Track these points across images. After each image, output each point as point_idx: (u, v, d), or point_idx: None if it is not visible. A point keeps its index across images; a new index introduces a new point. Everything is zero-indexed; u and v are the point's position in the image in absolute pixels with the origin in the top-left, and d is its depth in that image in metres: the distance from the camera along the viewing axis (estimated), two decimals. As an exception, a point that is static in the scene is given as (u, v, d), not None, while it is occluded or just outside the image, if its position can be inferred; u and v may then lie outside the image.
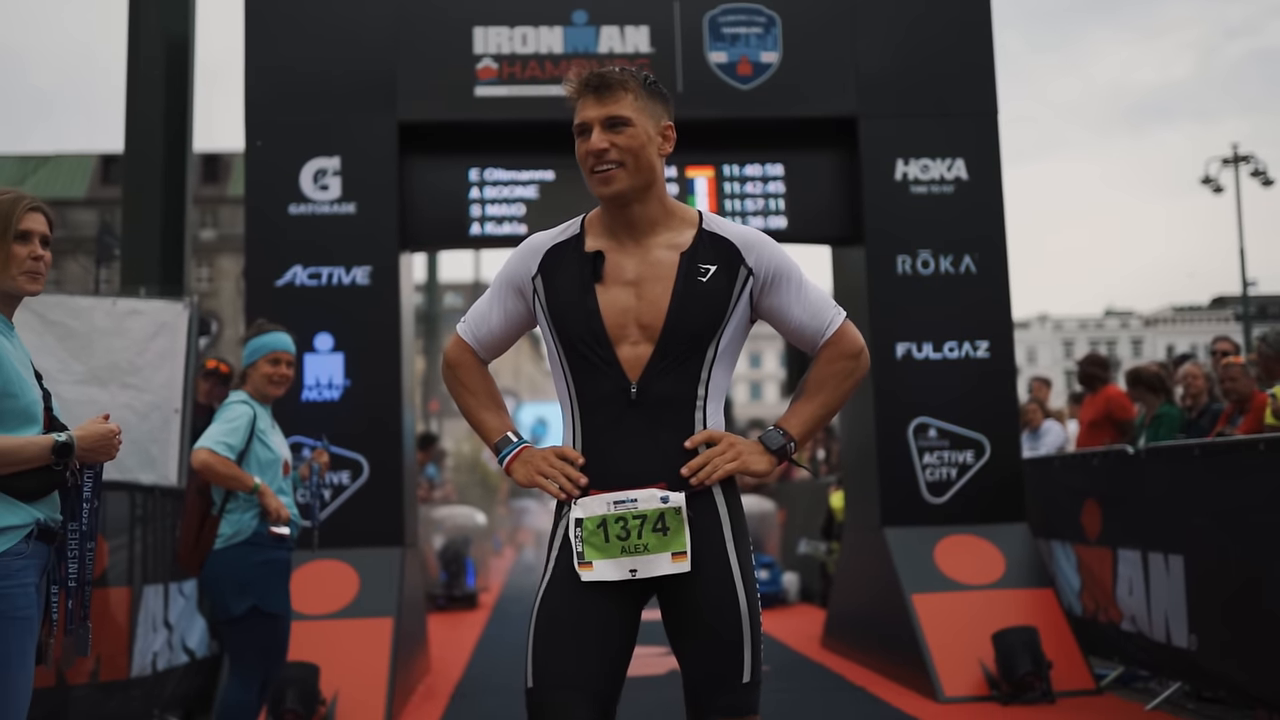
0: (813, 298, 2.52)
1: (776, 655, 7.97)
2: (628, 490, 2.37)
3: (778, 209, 7.44)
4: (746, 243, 2.49)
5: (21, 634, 2.70)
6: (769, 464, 2.48)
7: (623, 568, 2.36)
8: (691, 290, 2.42)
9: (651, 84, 2.48)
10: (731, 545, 2.39)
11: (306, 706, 5.56)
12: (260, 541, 4.36)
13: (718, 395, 2.47)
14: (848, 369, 2.53)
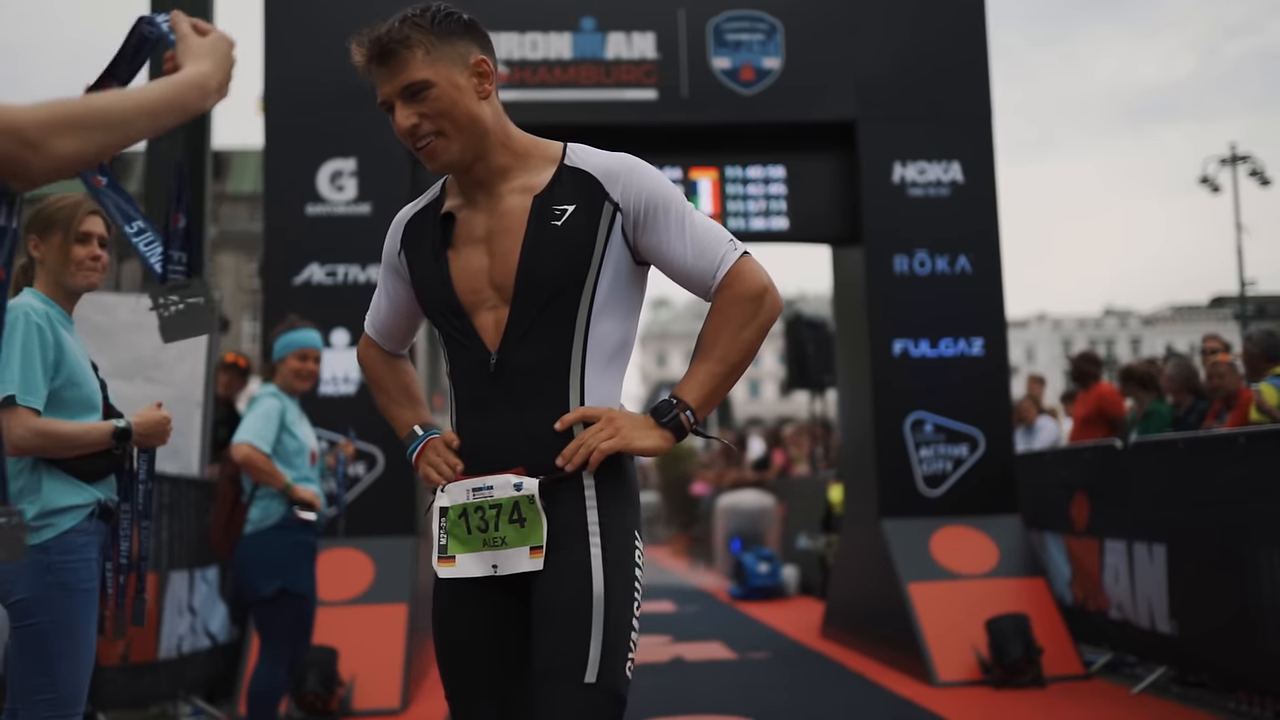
0: (699, 233, 2.11)
1: (777, 644, 8.21)
2: (487, 476, 2.08)
3: (779, 210, 7.68)
4: (609, 173, 2.11)
5: (85, 605, 2.93)
6: (659, 440, 2.08)
7: (485, 562, 2.07)
8: (544, 236, 2.06)
9: (442, 20, 2.08)
10: (596, 534, 2.04)
11: (326, 688, 5.79)
12: (288, 526, 4.59)
13: (603, 359, 2.10)
14: (745, 314, 2.10)
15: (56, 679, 2.83)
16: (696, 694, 6.29)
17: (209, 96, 1.64)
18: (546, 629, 2.01)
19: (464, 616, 2.12)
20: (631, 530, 2.10)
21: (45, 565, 2.89)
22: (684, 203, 2.13)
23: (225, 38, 1.73)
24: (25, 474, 2.97)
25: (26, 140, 1.33)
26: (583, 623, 1.99)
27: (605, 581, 2.01)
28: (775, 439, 16.53)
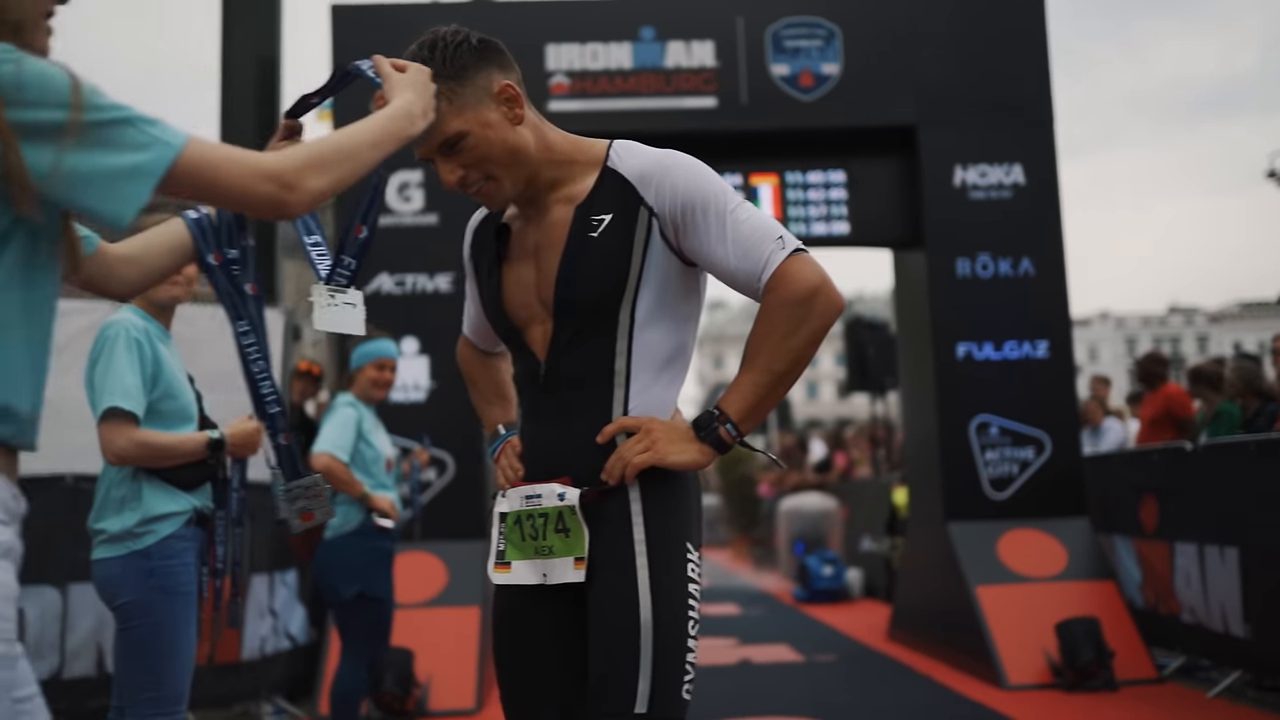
0: (744, 231, 1.98)
1: (843, 647, 8.24)
2: (537, 484, 2.07)
3: (840, 215, 7.72)
4: (643, 175, 2.03)
5: (186, 608, 3.07)
6: (697, 454, 2.01)
7: (537, 570, 2.06)
8: (582, 249, 2.02)
9: (453, 57, 2.01)
10: (643, 552, 1.99)
11: (403, 689, 5.93)
12: (366, 532, 4.72)
13: (653, 368, 2.05)
14: (792, 319, 1.96)
15: (160, 678, 2.97)
16: (764, 696, 6.34)
17: (416, 121, 1.83)
18: (596, 656, 1.98)
19: (521, 623, 2.11)
20: (682, 543, 2.02)
21: (147, 570, 3.04)
22: (726, 199, 2.01)
23: (421, 69, 1.91)
24: (126, 483, 3.12)
25: (286, 184, 1.56)
26: (630, 651, 1.93)
27: (653, 605, 1.96)
28: (837, 441, 16.51)
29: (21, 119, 1.41)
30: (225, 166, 1.53)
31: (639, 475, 2.00)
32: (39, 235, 1.50)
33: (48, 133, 1.42)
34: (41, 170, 1.43)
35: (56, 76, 1.44)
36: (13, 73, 1.42)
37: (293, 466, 2.04)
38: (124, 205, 1.46)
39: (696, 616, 2.00)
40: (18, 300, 1.48)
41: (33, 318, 1.51)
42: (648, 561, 1.98)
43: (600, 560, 2.00)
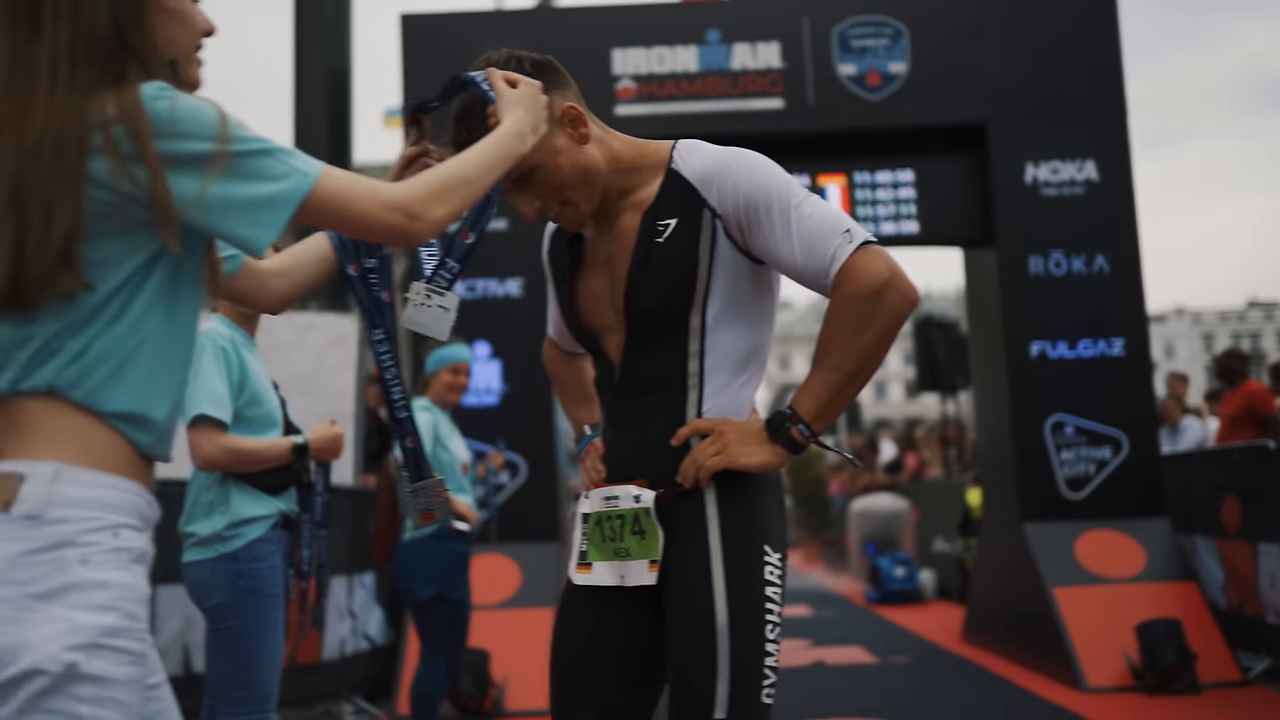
0: (810, 227, 1.94)
1: (917, 648, 8.19)
2: (615, 486, 2.08)
3: (909, 214, 7.67)
4: (704, 177, 2.01)
5: (273, 609, 3.15)
6: (770, 456, 1.99)
7: (615, 572, 2.07)
8: (650, 257, 2.02)
9: None
10: (718, 556, 1.98)
11: (480, 689, 6.01)
12: (444, 534, 4.79)
13: (727, 369, 2.04)
14: (861, 315, 1.92)
15: (250, 677, 3.05)
16: (839, 698, 6.33)
17: (527, 139, 1.89)
18: (674, 661, 1.98)
19: (586, 623, 2.10)
20: (760, 545, 2.00)
21: (236, 572, 3.12)
22: (790, 195, 1.97)
23: (531, 83, 1.96)
24: (215, 487, 3.21)
25: (412, 214, 1.63)
26: (708, 655, 1.92)
27: (730, 608, 1.94)
28: (907, 442, 16.38)
29: (171, 150, 1.50)
30: (356, 197, 1.61)
31: (715, 476, 1.99)
32: (183, 259, 1.60)
33: (195, 163, 1.51)
34: (187, 198, 1.52)
35: (207, 111, 1.53)
36: (168, 108, 1.51)
37: (417, 468, 2.11)
38: (262, 232, 1.56)
39: (776, 620, 1.98)
40: (160, 319, 1.58)
41: (173, 336, 1.60)
42: (723, 564, 1.97)
43: (676, 563, 2.00)
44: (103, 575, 1.48)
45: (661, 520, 2.01)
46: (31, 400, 1.53)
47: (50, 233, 1.49)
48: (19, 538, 1.46)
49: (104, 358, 1.54)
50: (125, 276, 1.55)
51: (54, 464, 1.49)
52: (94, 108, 1.51)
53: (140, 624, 1.51)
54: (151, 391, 1.58)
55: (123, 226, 1.54)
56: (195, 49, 1.69)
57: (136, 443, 1.57)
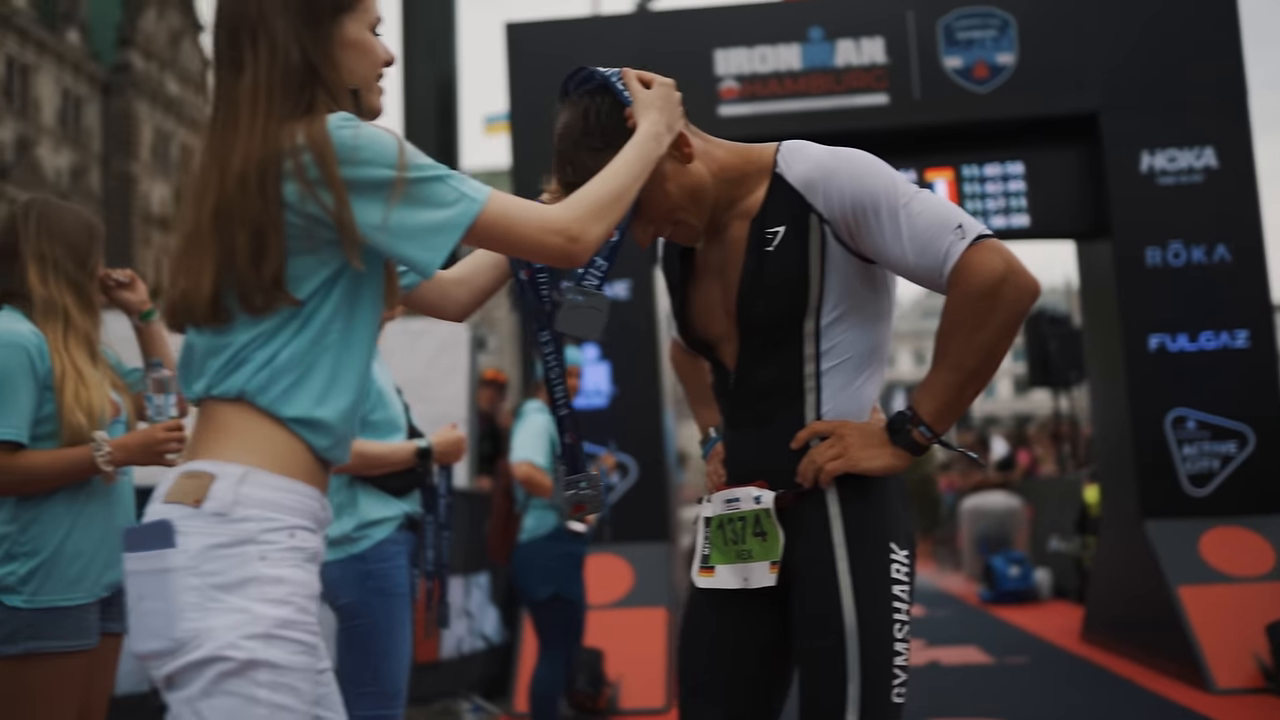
0: (920, 225, 1.90)
1: (1035, 649, 8.04)
2: (736, 488, 2.08)
3: (1019, 207, 7.54)
4: (809, 182, 1.98)
5: (401, 608, 3.24)
6: (891, 459, 1.97)
7: (738, 575, 2.06)
8: (761, 265, 2.00)
9: (605, 121, 1.98)
10: (843, 555, 1.96)
11: (595, 688, 6.08)
12: (560, 536, 4.88)
13: (846, 370, 2.02)
14: (979, 313, 1.88)
15: (379, 675, 3.14)
16: (955, 698, 6.25)
17: (663, 139, 1.93)
18: (803, 665, 1.96)
19: (709, 625, 2.10)
20: (885, 542, 1.98)
21: (364, 573, 3.22)
22: (898, 193, 1.93)
23: (665, 83, 2.00)
24: (342, 490, 3.31)
25: (572, 236, 1.71)
26: (837, 659, 1.91)
27: (857, 608, 1.92)
28: (1020, 439, 16.06)
29: (355, 176, 1.62)
30: (520, 221, 1.70)
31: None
32: (362, 277, 1.72)
33: (376, 188, 1.63)
34: (372, 223, 1.64)
35: (386, 140, 1.65)
36: (351, 136, 1.63)
37: (575, 463, 2.16)
38: (434, 255, 1.67)
39: (905, 618, 1.97)
40: (339, 331, 1.70)
41: (352, 346, 1.71)
42: (848, 563, 1.95)
43: (800, 564, 1.98)
44: (279, 571, 1.60)
45: (784, 521, 2.01)
46: (224, 405, 1.68)
47: (264, 257, 1.63)
48: (208, 532, 1.59)
49: (289, 367, 1.67)
50: (312, 290, 1.68)
51: (242, 467, 1.63)
52: (286, 136, 1.64)
53: (311, 618, 1.63)
54: (329, 398, 1.69)
55: (311, 245, 1.66)
56: (376, 78, 1.81)
57: (314, 446, 1.69)
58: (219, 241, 1.65)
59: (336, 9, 1.74)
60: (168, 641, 1.57)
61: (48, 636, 2.68)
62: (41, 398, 2.72)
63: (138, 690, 4.91)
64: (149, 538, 1.61)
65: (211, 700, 1.55)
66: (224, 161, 1.66)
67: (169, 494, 1.64)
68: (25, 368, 2.69)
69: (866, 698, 1.90)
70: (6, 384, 2.66)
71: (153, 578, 1.59)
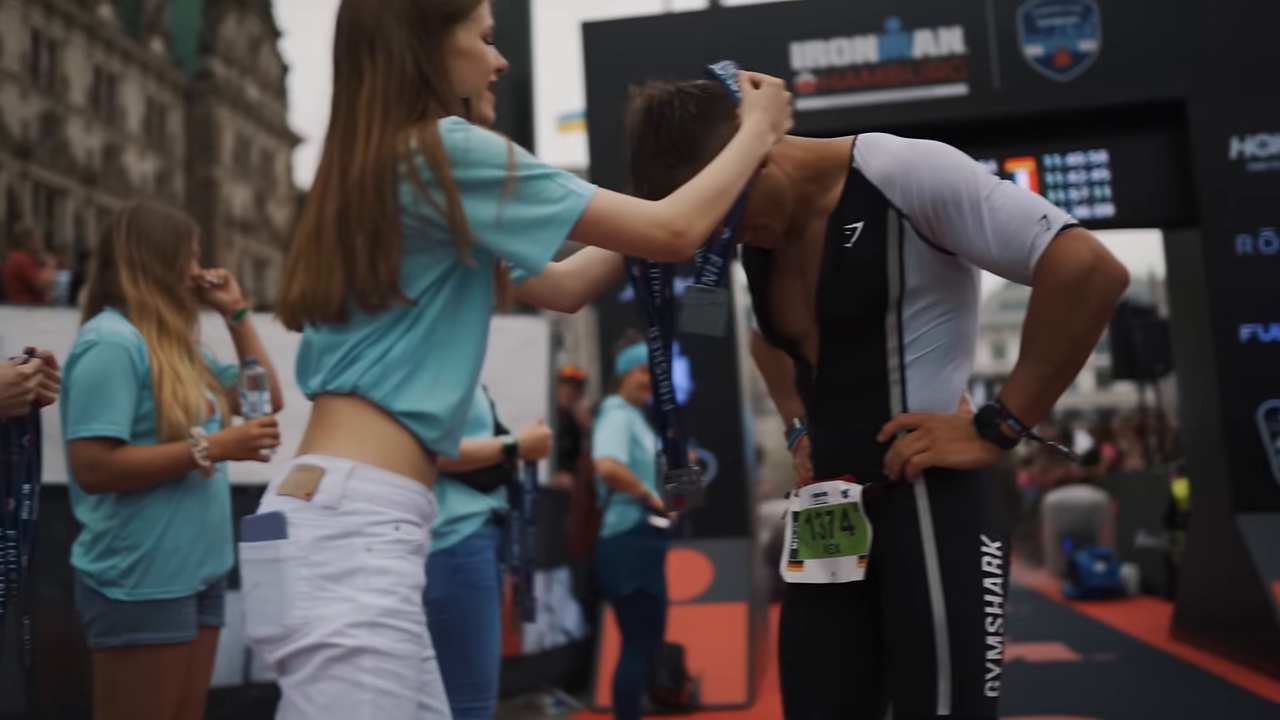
0: (1003, 219, 1.88)
1: (1123, 646, 7.90)
2: (823, 482, 2.07)
3: (1104, 196, 7.40)
4: (886, 177, 1.96)
5: (489, 601, 3.29)
6: (980, 452, 1.95)
7: (826, 569, 2.05)
8: (839, 263, 1.99)
9: (681, 138, 1.99)
10: (931, 548, 1.94)
11: (676, 683, 6.10)
12: (642, 530, 4.90)
13: (931, 361, 2.00)
14: (1066, 304, 1.86)
15: (471, 666, 3.19)
16: (1042, 694, 6.17)
17: (768, 138, 1.94)
18: (893, 658, 1.96)
19: (806, 621, 2.09)
20: (976, 534, 1.95)
21: (453, 567, 3.27)
22: (979, 185, 1.90)
23: (774, 83, 2.03)
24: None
25: (677, 230, 1.74)
26: (927, 651, 1.89)
27: (946, 601, 1.90)
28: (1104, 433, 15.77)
29: (466, 177, 1.68)
30: (625, 216, 1.74)
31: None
32: (471, 275, 1.77)
33: (489, 188, 1.68)
34: (484, 221, 1.69)
35: (496, 142, 1.70)
36: (462, 139, 1.68)
37: (676, 457, 2.19)
38: (542, 250, 1.71)
39: (998, 610, 1.93)
40: (448, 326, 1.75)
41: (461, 341, 1.77)
42: (937, 556, 1.93)
43: (889, 557, 1.97)
44: (384, 563, 1.66)
45: (873, 514, 1.99)
46: (337, 400, 1.74)
47: (380, 258, 1.69)
48: (317, 524, 1.66)
49: (400, 362, 1.72)
50: (423, 288, 1.73)
51: (351, 461, 1.69)
52: (401, 141, 1.70)
53: (415, 607, 1.70)
54: (438, 392, 1.74)
55: (424, 245, 1.72)
56: (487, 86, 1.86)
57: (423, 439, 1.74)
58: (341, 244, 1.71)
59: (448, 19, 1.80)
60: (279, 628, 1.64)
61: (148, 628, 2.77)
62: (141, 396, 2.82)
63: (230, 683, 5.03)
64: (263, 528, 1.68)
65: (319, 684, 1.62)
66: (344, 167, 1.73)
67: (282, 486, 1.71)
68: (126, 366, 2.78)
69: (958, 691, 1.88)
70: (108, 382, 2.76)
71: (266, 567, 1.67)
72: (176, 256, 2.98)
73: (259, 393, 2.92)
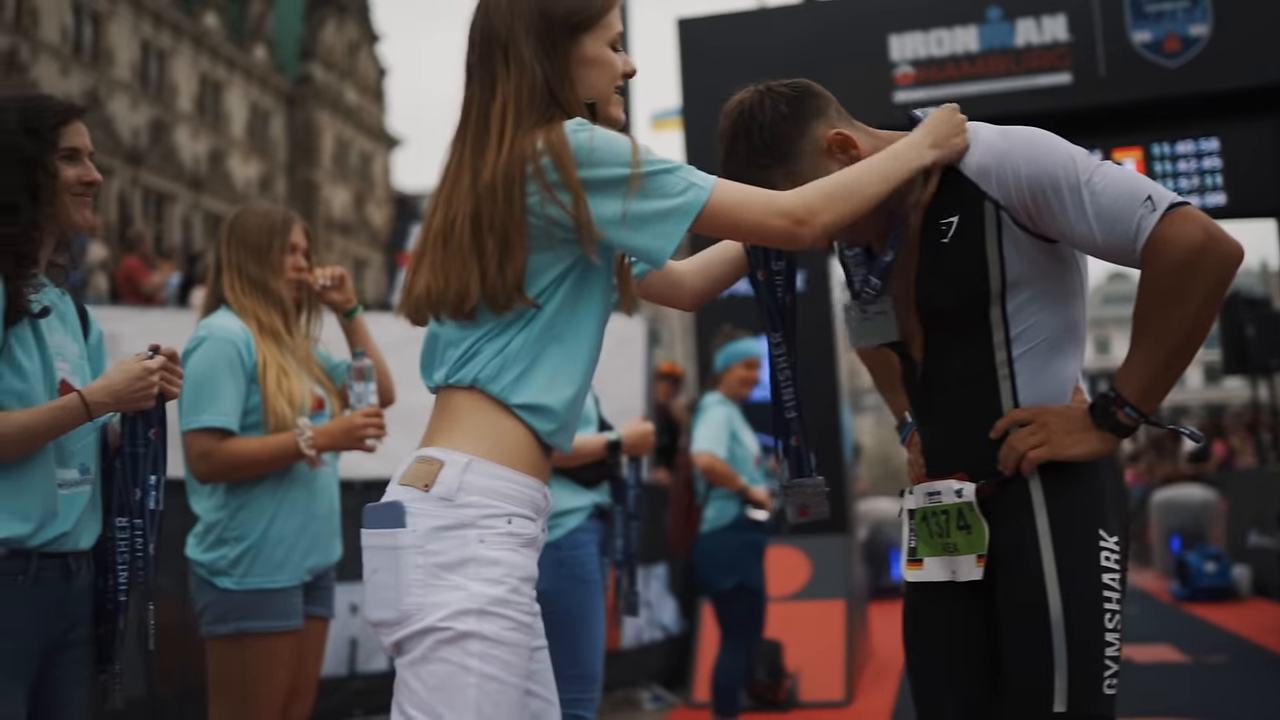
0: (1105, 203, 1.83)
1: (1235, 648, 7.68)
2: (936, 481, 2.04)
3: (1215, 185, 7.19)
4: (982, 169, 1.92)
5: (594, 594, 3.32)
6: (1097, 443, 1.90)
7: (946, 568, 2.03)
8: (935, 258, 1.97)
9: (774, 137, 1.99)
10: (1048, 544, 1.90)
11: (774, 679, 6.08)
12: (741, 525, 4.91)
13: (1039, 353, 1.96)
14: (1177, 286, 1.80)
15: (578, 659, 3.23)
16: (1150, 697, 6.02)
17: (924, 153, 1.92)
18: (1009, 655, 1.93)
19: (931, 617, 2.08)
20: (1094, 529, 1.90)
21: (558, 560, 3.30)
22: (1078, 169, 1.85)
23: (947, 106, 2.00)
24: (538, 481, 3.41)
25: (798, 219, 1.76)
26: (1043, 648, 1.86)
27: (1063, 597, 1.87)
28: (1215, 429, 15.30)
29: (591, 177, 1.73)
30: (746, 204, 1.77)
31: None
32: (590, 271, 1.81)
33: (614, 186, 1.73)
34: (608, 218, 1.74)
35: (620, 141, 1.75)
36: (586, 139, 1.74)
37: (799, 466, 2.20)
38: (665, 243, 1.75)
39: (1116, 607, 1.90)
40: (566, 322, 1.81)
41: (578, 336, 1.82)
42: (1053, 551, 1.89)
43: (1004, 554, 1.94)
44: (496, 554, 1.72)
45: (987, 510, 1.96)
46: (458, 393, 1.80)
47: (509, 261, 1.74)
48: (434, 515, 1.72)
49: (518, 357, 1.78)
50: (544, 286, 1.78)
51: (468, 455, 1.75)
52: (528, 144, 1.75)
53: (525, 598, 1.75)
54: (555, 386, 1.79)
55: (547, 244, 1.77)
56: (614, 91, 1.89)
57: (539, 431, 1.79)
58: (475, 246, 1.76)
59: (574, 29, 1.84)
60: (395, 612, 1.71)
61: (255, 617, 2.86)
62: (249, 389, 2.92)
63: (336, 673, 5.15)
64: (383, 516, 1.75)
65: (428, 665, 1.69)
66: (476, 171, 1.78)
67: (403, 477, 1.78)
68: (233, 361, 2.89)
69: (1075, 688, 1.84)
70: (215, 376, 2.87)
71: (385, 553, 1.74)
72: (269, 251, 3.06)
73: (365, 383, 2.99)
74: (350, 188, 44.97)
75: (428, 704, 1.68)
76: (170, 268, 12.72)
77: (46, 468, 2.27)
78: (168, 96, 35.01)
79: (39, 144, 2.31)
